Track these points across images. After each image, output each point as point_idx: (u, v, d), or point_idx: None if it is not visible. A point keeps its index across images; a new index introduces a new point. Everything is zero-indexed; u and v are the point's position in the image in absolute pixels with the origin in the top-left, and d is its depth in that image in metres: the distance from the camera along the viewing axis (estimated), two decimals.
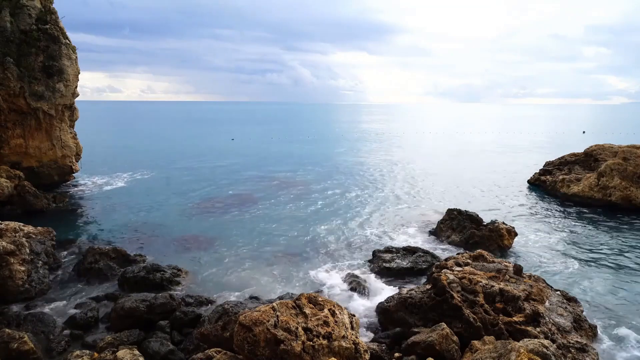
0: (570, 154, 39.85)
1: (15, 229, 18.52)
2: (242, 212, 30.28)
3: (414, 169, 49.24)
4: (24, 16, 32.24)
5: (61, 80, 33.58)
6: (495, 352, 10.56)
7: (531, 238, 24.73)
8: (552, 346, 10.61)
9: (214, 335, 13.09)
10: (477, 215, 24.71)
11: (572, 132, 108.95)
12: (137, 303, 15.28)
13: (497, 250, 22.05)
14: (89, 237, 24.85)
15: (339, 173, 46.13)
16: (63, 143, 35.34)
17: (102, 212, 30.03)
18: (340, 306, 12.36)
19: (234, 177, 43.61)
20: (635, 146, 33.10)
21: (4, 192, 28.46)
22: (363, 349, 11.33)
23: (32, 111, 32.80)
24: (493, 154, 63.81)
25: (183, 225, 27.01)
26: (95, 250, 20.84)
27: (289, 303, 11.71)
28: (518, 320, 13.13)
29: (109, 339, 13.71)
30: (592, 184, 32.44)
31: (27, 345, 12.75)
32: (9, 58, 30.89)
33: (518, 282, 15.13)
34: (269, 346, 10.50)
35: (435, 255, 20.62)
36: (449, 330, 12.76)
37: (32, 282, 17.19)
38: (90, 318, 15.44)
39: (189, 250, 22.79)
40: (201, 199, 34.14)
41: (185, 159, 56.34)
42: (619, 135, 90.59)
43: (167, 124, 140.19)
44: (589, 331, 14.13)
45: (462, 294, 14.11)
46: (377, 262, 20.22)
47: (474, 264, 16.55)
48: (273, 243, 23.83)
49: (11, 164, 32.00)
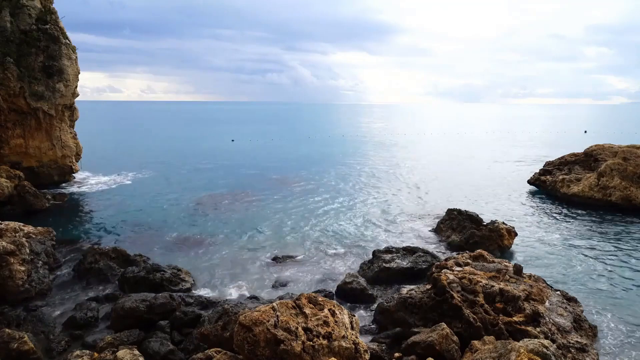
0: (570, 154, 39.83)
1: (15, 229, 18.51)
2: (242, 212, 30.28)
3: (414, 169, 49.25)
4: (24, 16, 32.26)
5: (61, 80, 33.59)
6: (495, 352, 10.56)
7: (531, 238, 24.73)
8: (552, 346, 10.61)
9: (214, 335, 13.08)
10: (477, 215, 24.72)
11: (572, 132, 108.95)
12: (137, 303, 15.27)
13: (497, 250, 22.04)
14: (89, 237, 24.85)
15: (339, 173, 46.13)
16: (63, 143, 35.35)
17: (102, 212, 30.02)
18: (340, 306, 12.35)
19: (234, 177, 43.61)
20: (635, 146, 33.10)
21: (4, 192, 28.46)
22: (363, 349, 11.33)
23: (32, 111, 32.82)
24: (493, 154, 63.81)
25: (183, 225, 27.00)
26: (95, 250, 20.83)
27: (289, 303, 11.71)
28: (518, 320, 13.13)
29: (109, 339, 13.70)
30: (592, 184, 32.44)
31: (27, 345, 12.74)
32: (9, 58, 30.90)
33: (518, 282, 15.13)
34: (269, 346, 10.50)
35: (435, 255, 20.62)
36: (449, 330, 12.76)
37: (32, 282, 17.18)
38: (90, 318, 15.44)
39: (189, 250, 22.78)
40: (201, 199, 34.13)
41: (185, 159, 56.35)
42: (619, 135, 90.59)
43: (167, 124, 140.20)
44: (589, 331, 14.12)
45: (462, 294, 14.11)
46: (377, 262, 20.20)
47: (474, 264, 16.54)
48: (273, 243, 23.83)
49: (11, 164, 32.01)
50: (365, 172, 46.73)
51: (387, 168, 49.76)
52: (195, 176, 43.86)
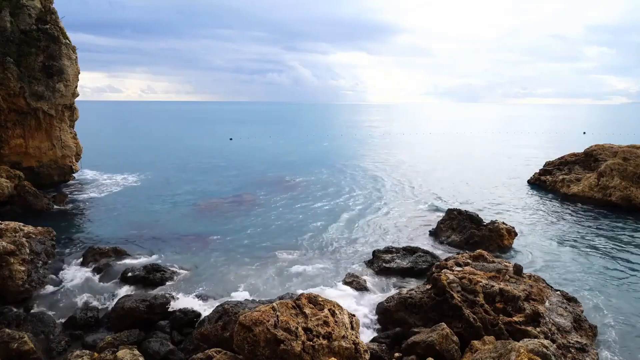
0: (570, 154, 39.86)
1: (15, 229, 18.50)
2: (242, 211, 30.28)
3: (414, 169, 49.23)
4: (24, 16, 32.24)
5: (61, 80, 33.58)
6: (495, 352, 10.56)
7: (531, 238, 24.72)
8: (552, 346, 10.61)
9: (214, 335, 13.09)
10: (477, 215, 24.72)
11: (572, 132, 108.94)
12: (137, 303, 15.28)
13: (497, 250, 22.05)
14: (89, 236, 24.84)
15: (339, 173, 46.12)
16: (63, 143, 35.34)
17: (101, 212, 30.02)
18: (340, 306, 12.36)
19: (234, 177, 43.61)
20: (635, 146, 33.10)
21: (4, 192, 28.45)
22: (363, 349, 11.34)
23: (32, 111, 32.80)
24: (493, 154, 63.82)
25: (183, 225, 27.00)
26: (95, 250, 20.86)
27: (289, 303, 11.71)
28: (518, 320, 13.13)
29: (109, 339, 13.71)
30: (592, 184, 32.44)
31: (27, 345, 12.74)
32: (9, 58, 30.89)
33: (518, 282, 15.14)
34: (269, 346, 10.50)
35: (435, 255, 20.62)
36: (449, 330, 12.76)
37: (32, 282, 17.18)
38: (90, 318, 15.44)
39: (189, 250, 22.77)
40: (201, 198, 34.13)
41: (185, 158, 56.34)
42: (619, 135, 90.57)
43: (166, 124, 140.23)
44: (589, 331, 14.12)
45: (462, 294, 14.12)
46: (377, 262, 20.22)
47: (474, 264, 16.55)
48: (273, 243, 23.82)
49: (11, 164, 31.99)
50: (365, 172, 46.71)
51: (386, 168, 49.74)
52: (195, 176, 43.84)
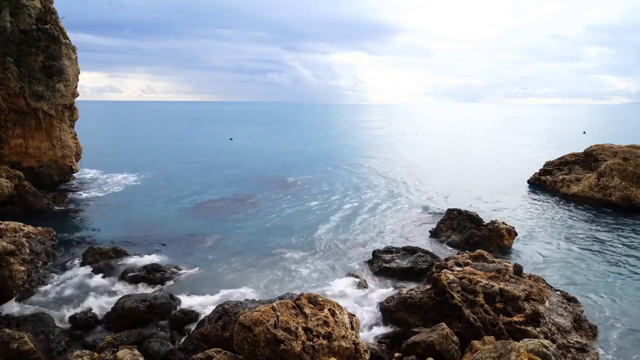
0: (570, 154, 39.84)
1: (15, 229, 18.49)
2: (242, 211, 30.28)
3: (414, 169, 49.22)
4: (24, 16, 32.25)
5: (61, 80, 33.58)
6: (495, 352, 10.56)
7: (531, 238, 24.72)
8: (552, 346, 10.61)
9: (214, 335, 13.09)
10: (477, 215, 24.72)
11: (572, 132, 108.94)
12: (137, 303, 15.28)
13: (497, 250, 22.04)
14: (89, 236, 24.85)
15: (339, 173, 46.13)
16: (63, 143, 35.35)
17: (102, 212, 30.03)
18: (340, 306, 12.37)
19: (234, 177, 43.60)
20: (635, 146, 33.10)
21: (4, 192, 28.45)
22: (363, 349, 11.34)
23: (32, 111, 32.81)
24: (493, 154, 63.82)
25: (183, 225, 27.00)
26: (95, 250, 20.86)
27: (289, 303, 11.71)
28: (518, 320, 13.13)
29: (109, 339, 13.71)
30: (592, 184, 32.44)
31: (27, 345, 12.74)
32: (9, 58, 30.89)
33: (518, 282, 15.14)
34: (269, 346, 10.50)
35: (435, 255, 20.61)
36: (449, 330, 12.76)
37: (32, 282, 17.19)
38: (90, 318, 15.45)
39: (189, 250, 22.78)
40: (201, 198, 34.14)
41: (184, 159, 56.34)
42: (619, 135, 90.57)
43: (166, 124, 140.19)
44: (589, 331, 14.13)
45: (462, 294, 14.11)
46: (377, 262, 20.22)
47: (474, 264, 16.55)
48: (273, 243, 23.82)
49: (11, 164, 32.00)
50: (364, 172, 46.71)
51: (386, 167, 49.73)
52: (196, 176, 43.84)
